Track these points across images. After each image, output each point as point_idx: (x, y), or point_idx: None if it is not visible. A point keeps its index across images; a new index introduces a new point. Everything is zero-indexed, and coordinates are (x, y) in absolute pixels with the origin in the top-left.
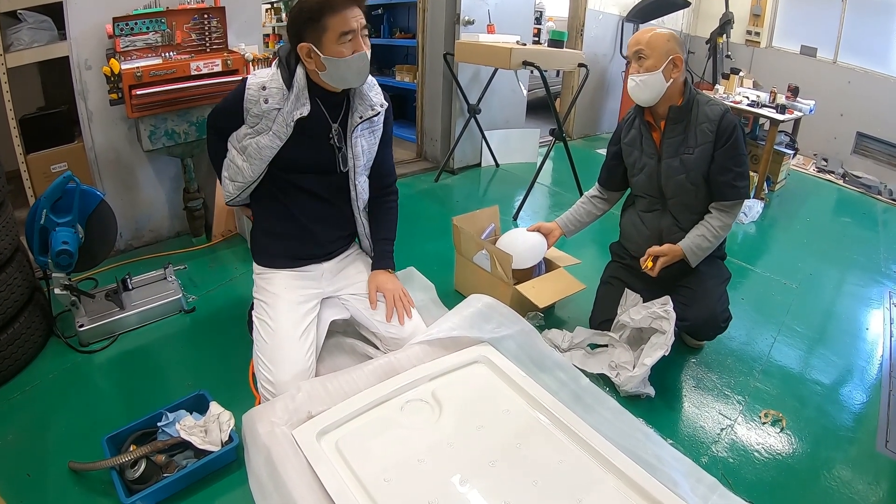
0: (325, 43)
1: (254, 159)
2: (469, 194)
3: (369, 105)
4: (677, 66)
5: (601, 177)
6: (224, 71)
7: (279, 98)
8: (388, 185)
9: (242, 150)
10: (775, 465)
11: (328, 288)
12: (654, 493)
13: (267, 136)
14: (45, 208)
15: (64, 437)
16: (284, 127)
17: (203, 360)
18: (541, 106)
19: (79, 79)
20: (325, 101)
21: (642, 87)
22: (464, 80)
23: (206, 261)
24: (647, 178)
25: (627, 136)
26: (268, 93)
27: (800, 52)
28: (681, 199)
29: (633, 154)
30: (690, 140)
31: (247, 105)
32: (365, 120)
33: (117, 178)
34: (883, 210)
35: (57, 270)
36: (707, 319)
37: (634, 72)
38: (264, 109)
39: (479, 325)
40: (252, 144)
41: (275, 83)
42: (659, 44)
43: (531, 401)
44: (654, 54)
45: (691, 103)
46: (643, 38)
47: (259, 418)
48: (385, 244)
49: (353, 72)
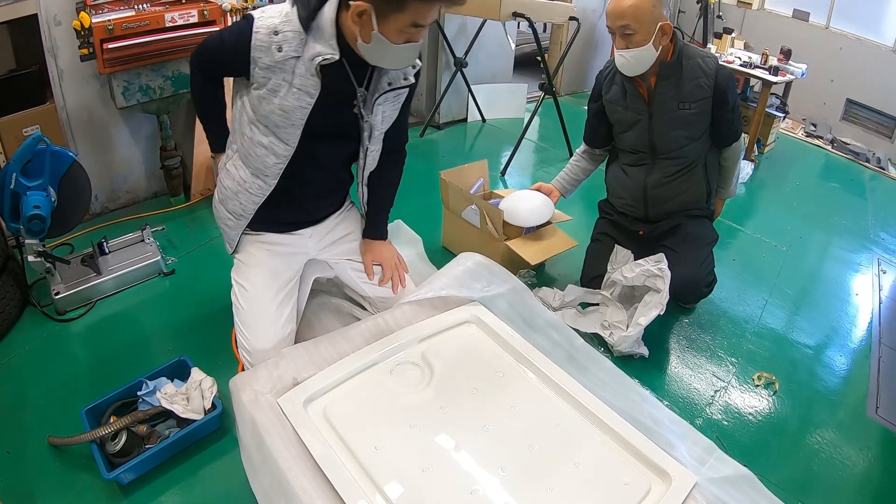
0: (389, 20)
1: (282, 128)
2: (455, 149)
3: (402, 74)
4: (666, 33)
5: (585, 135)
6: (200, 22)
7: (297, 44)
8: (400, 145)
9: (263, 121)
10: (769, 427)
11: (313, 250)
12: (651, 455)
13: (291, 94)
14: (14, 172)
15: (43, 410)
16: (309, 77)
17: (183, 324)
18: (527, 62)
19: (48, 35)
20: (350, 58)
21: (634, 63)
22: (450, 33)
23: (184, 221)
24: (636, 134)
25: (609, 93)
26: (281, 38)
27: (792, 15)
28: (674, 153)
29: (618, 111)
30: (686, 94)
31: (255, 54)
32: (393, 89)
33: (91, 138)
34: (870, 177)
35: (30, 237)
36: (688, 282)
37: (622, 47)
38: (277, 59)
39: (469, 283)
40: (275, 110)
41: (290, 25)
42: (644, 14)
43: (524, 362)
44: (641, 27)
45: (681, 56)
46: (626, 10)
47: (242, 387)
48: (383, 214)
49: (395, 59)
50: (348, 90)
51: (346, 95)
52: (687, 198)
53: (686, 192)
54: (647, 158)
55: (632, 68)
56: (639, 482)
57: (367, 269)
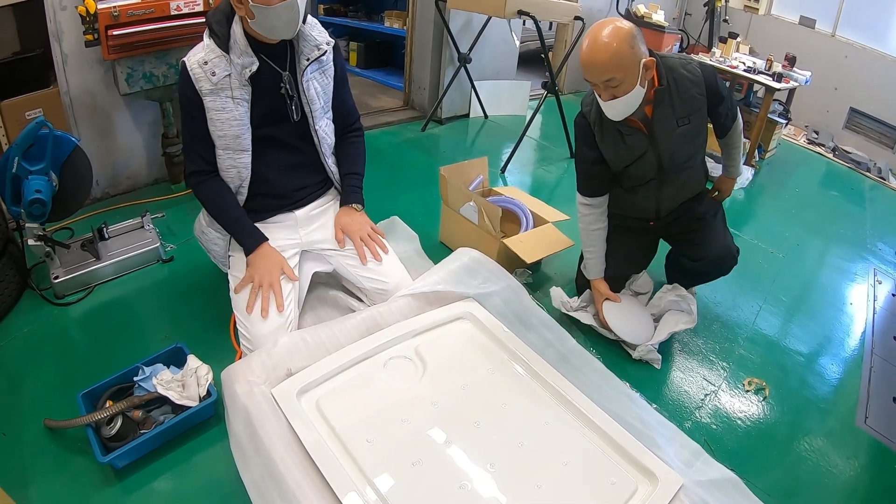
0: None
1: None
2: (456, 145)
3: (314, 45)
4: (649, 68)
5: (585, 187)
6: (206, 11)
7: (224, 64)
8: (351, 123)
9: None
10: (757, 433)
11: (305, 238)
12: (638, 456)
13: (231, 106)
14: (16, 156)
15: (39, 393)
16: (241, 88)
17: (181, 311)
18: (531, 59)
19: (53, 19)
20: (267, 53)
21: (624, 109)
22: (455, 28)
23: (184, 208)
24: (642, 165)
25: (605, 139)
26: (211, 66)
27: (798, 22)
28: (684, 165)
29: (620, 154)
30: (681, 110)
31: (198, 85)
32: (313, 61)
33: (93, 124)
34: (871, 187)
35: (30, 220)
36: (722, 254)
37: (608, 99)
38: (216, 82)
39: (465, 280)
40: (228, 122)
41: (212, 53)
42: (626, 60)
43: (517, 360)
44: (627, 75)
45: (667, 75)
46: (607, 63)
47: (236, 378)
48: (351, 179)
49: (281, 22)
50: (276, 78)
51: (274, 82)
52: (695, 188)
53: (694, 184)
54: (655, 178)
55: (623, 114)
56: (626, 482)
57: (336, 237)
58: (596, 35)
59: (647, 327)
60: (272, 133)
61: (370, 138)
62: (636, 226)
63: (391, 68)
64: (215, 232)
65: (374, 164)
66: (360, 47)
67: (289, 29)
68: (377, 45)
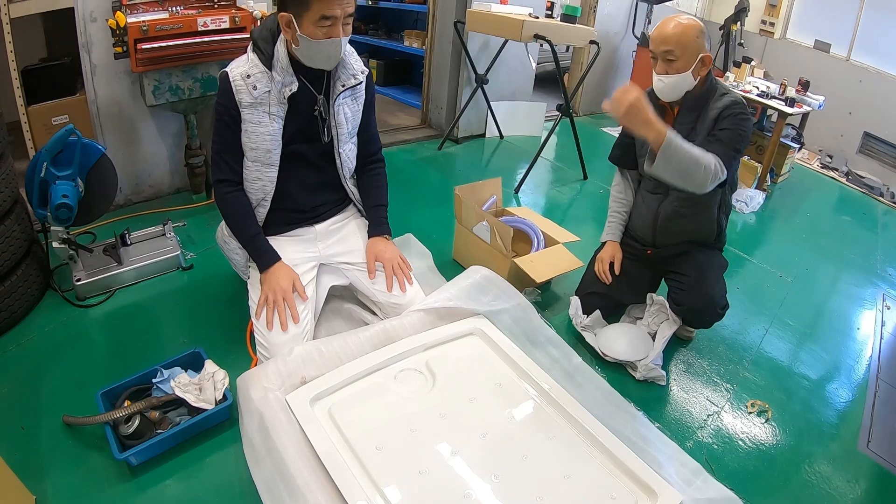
0: (304, 20)
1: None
2: (472, 164)
3: (351, 74)
4: (706, 64)
5: (614, 154)
6: (232, 28)
7: (266, 80)
8: (374, 153)
9: (252, 156)
10: (758, 454)
11: (324, 251)
12: (639, 472)
13: (267, 121)
14: (45, 161)
15: (58, 390)
16: (278, 106)
17: (199, 317)
18: (548, 80)
19: (83, 31)
20: (306, 76)
21: (671, 89)
22: (473, 49)
23: (205, 218)
24: None
25: None
26: (253, 80)
27: (813, 46)
28: None
29: (641, 142)
30: (699, 129)
31: (238, 97)
32: (347, 88)
33: (119, 133)
34: (883, 212)
35: (56, 224)
36: (704, 305)
37: (662, 72)
38: (256, 96)
39: (475, 296)
40: (262, 136)
41: (256, 68)
42: (689, 42)
43: (524, 376)
44: (684, 55)
45: (710, 92)
46: (672, 36)
47: (252, 383)
48: (379, 211)
49: (322, 55)
50: (312, 100)
51: (310, 105)
52: (695, 236)
53: (694, 231)
54: (662, 187)
55: (668, 94)
56: (625, 497)
57: (368, 267)
58: (674, 16)
59: (643, 342)
60: (301, 151)
61: (388, 155)
62: (637, 252)
63: (409, 86)
64: (236, 242)
65: (391, 182)
66: (379, 65)
67: (329, 62)
68: (396, 64)
